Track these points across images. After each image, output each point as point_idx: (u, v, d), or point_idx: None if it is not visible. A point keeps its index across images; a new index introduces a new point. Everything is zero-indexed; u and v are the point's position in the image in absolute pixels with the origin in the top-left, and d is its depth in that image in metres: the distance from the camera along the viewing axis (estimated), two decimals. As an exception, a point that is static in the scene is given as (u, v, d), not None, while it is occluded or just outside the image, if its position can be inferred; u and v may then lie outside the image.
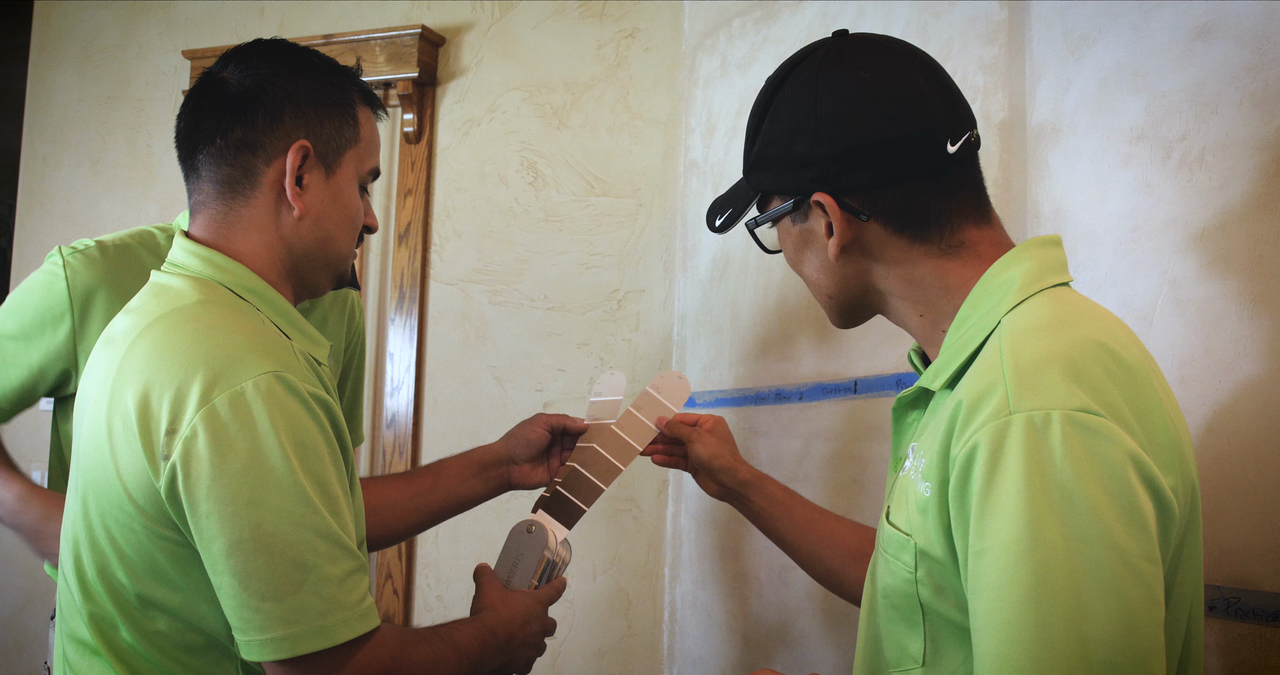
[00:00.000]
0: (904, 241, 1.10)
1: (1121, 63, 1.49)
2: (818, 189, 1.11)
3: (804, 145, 1.10)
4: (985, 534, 0.90)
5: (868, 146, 1.07)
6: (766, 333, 2.20)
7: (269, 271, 1.30)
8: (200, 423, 1.12)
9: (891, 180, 1.08)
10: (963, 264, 1.09)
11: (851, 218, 1.10)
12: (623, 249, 2.69)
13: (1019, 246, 1.09)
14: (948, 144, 1.07)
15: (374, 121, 1.39)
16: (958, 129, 1.08)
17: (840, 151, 1.08)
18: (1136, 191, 1.45)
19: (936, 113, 1.08)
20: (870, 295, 1.17)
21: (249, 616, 1.13)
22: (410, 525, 1.73)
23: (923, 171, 1.08)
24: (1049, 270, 1.06)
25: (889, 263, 1.12)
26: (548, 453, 1.76)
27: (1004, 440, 0.90)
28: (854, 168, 1.08)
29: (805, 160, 1.11)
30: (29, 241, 3.34)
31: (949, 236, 1.09)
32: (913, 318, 1.14)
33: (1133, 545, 0.87)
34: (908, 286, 1.12)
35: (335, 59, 1.37)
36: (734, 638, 2.24)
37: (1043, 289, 1.04)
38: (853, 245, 1.12)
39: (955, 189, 1.09)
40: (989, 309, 1.05)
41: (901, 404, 1.17)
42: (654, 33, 2.72)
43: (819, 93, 1.10)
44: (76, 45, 3.38)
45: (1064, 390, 0.90)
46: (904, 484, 1.07)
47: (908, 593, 1.04)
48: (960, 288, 1.09)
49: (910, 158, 1.07)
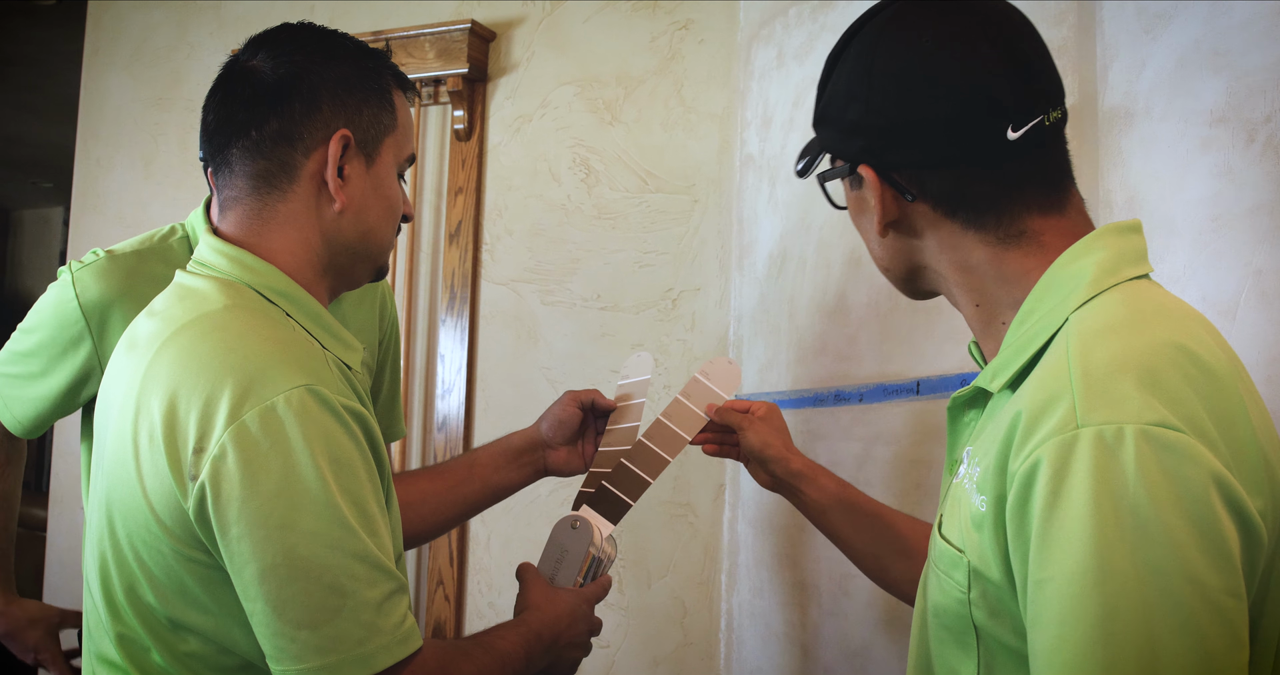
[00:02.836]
0: (956, 225, 1.01)
1: (1200, 41, 1.40)
2: (863, 161, 1.02)
3: (856, 112, 1.02)
4: (1047, 562, 0.81)
5: (914, 125, 0.98)
6: (825, 331, 2.13)
7: (303, 270, 1.23)
8: (230, 441, 1.06)
9: (940, 163, 0.99)
10: (1024, 254, 0.99)
11: (897, 195, 1.02)
12: (677, 247, 2.63)
13: (1092, 234, 0.99)
14: (1008, 130, 0.97)
15: (408, 106, 1.33)
16: (1028, 112, 0.97)
17: (887, 126, 1.00)
18: (1217, 177, 1.36)
19: (999, 95, 0.97)
20: (925, 273, 1.08)
21: (284, 645, 1.07)
22: (448, 518, 1.68)
23: (975, 159, 0.98)
24: (1125, 261, 0.96)
25: (939, 246, 1.03)
26: (581, 435, 1.70)
27: (1070, 458, 0.81)
28: (900, 145, 1.00)
29: (855, 127, 1.02)
30: (83, 244, 3.34)
31: (1008, 225, 0.99)
32: (968, 306, 1.05)
33: (1214, 578, 0.77)
34: (961, 273, 1.03)
35: (364, 42, 1.31)
36: (793, 648, 2.17)
37: (1117, 283, 0.94)
38: (899, 223, 1.04)
39: (1018, 176, 0.99)
40: (1055, 304, 0.95)
41: (957, 403, 1.08)
42: (708, 24, 2.65)
43: (876, 57, 1.01)
44: (129, 47, 3.37)
45: (1139, 402, 0.81)
46: (957, 493, 0.98)
47: (960, 613, 0.95)
48: (1020, 279, 0.99)
49: (961, 142, 0.98)
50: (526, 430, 1.72)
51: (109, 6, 3.43)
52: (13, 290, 7.95)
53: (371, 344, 1.83)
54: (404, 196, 1.33)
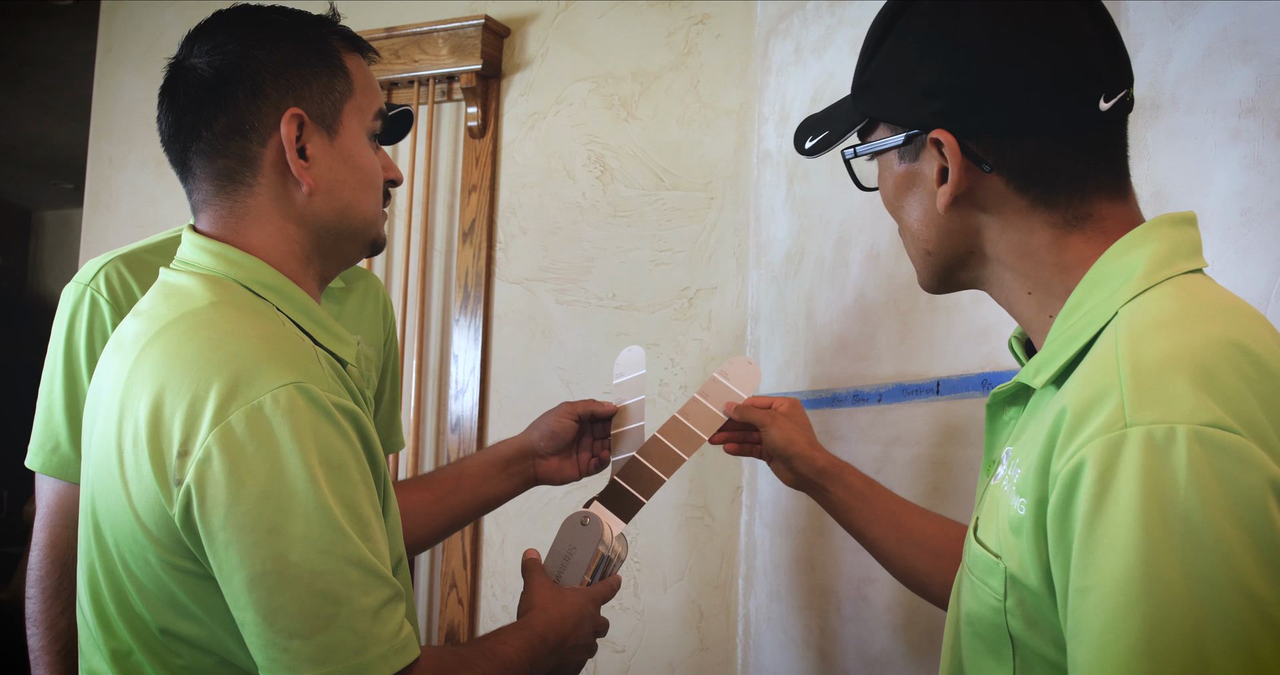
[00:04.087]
0: (1025, 203, 0.96)
1: (1228, 29, 1.36)
2: (940, 125, 0.96)
3: (932, 71, 0.96)
4: (1090, 570, 0.76)
5: (1010, 83, 0.92)
6: (844, 331, 2.08)
7: (287, 262, 1.19)
8: (214, 443, 1.01)
9: (1029, 128, 0.93)
10: (1085, 239, 0.95)
11: (972, 165, 0.96)
12: (693, 245, 2.59)
13: (1145, 224, 0.94)
14: (1101, 99, 0.92)
15: (364, 65, 1.26)
16: (1115, 84, 0.93)
17: (975, 84, 0.93)
18: (1247, 170, 1.31)
19: (1096, 61, 0.93)
20: (974, 259, 1.02)
21: (276, 656, 1.02)
22: (434, 531, 1.64)
23: (1067, 125, 0.93)
24: (1179, 254, 0.91)
25: (1002, 226, 0.98)
26: (577, 445, 1.66)
27: (1117, 459, 0.76)
28: (989, 106, 0.93)
29: (931, 89, 0.96)
30: (96, 242, 3.33)
31: (1077, 206, 0.95)
32: (1019, 294, 1.00)
33: (1269, 590, 0.72)
34: (1019, 257, 0.98)
35: (306, 11, 1.25)
36: (810, 654, 2.13)
37: (1170, 276, 0.90)
38: (965, 197, 0.98)
39: (1097, 152, 0.95)
40: (1105, 296, 0.90)
41: (997, 400, 1.03)
42: (724, 19, 2.61)
43: (961, 11, 0.95)
44: (141, 46, 3.35)
45: (1192, 400, 0.76)
46: (995, 495, 0.93)
47: (995, 622, 0.90)
48: (1078, 267, 0.95)
49: (1056, 106, 0.92)
50: (516, 439, 1.68)
51: (121, 6, 3.42)
52: (34, 291, 7.98)
53: (377, 342, 1.79)
54: (385, 161, 1.28)
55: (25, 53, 4.84)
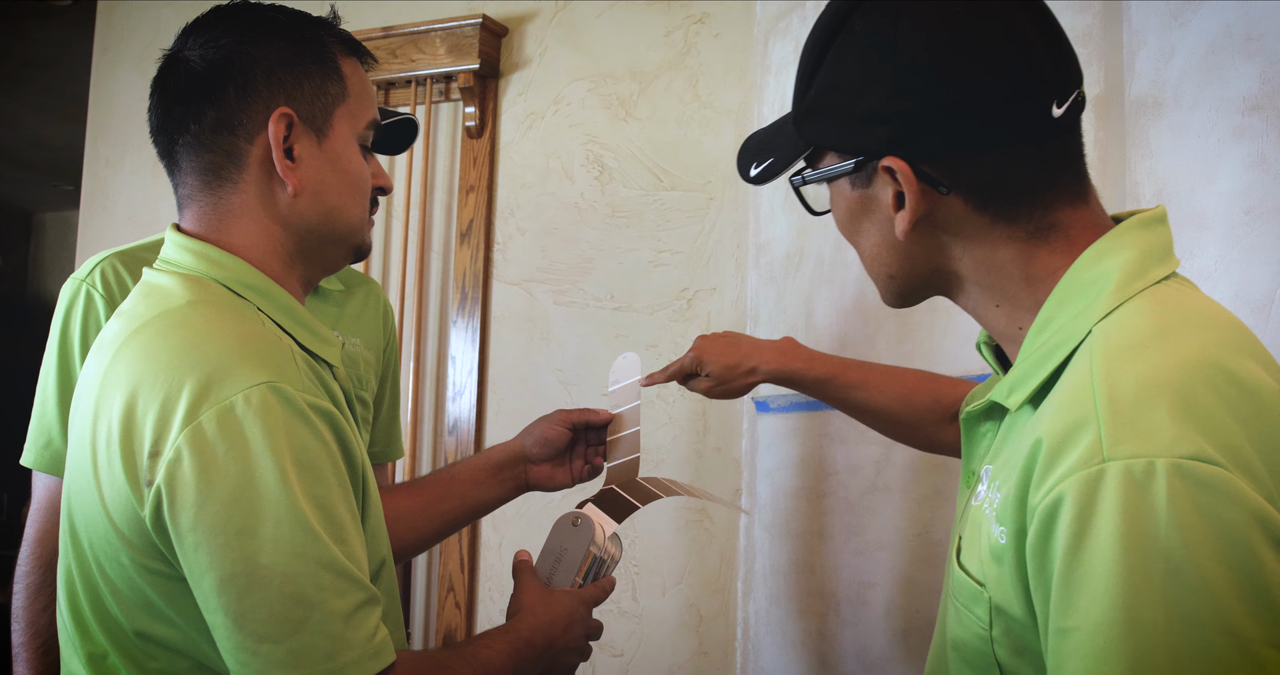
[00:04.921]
0: (985, 220, 0.93)
1: (1231, 26, 1.34)
2: (890, 152, 0.92)
3: (877, 97, 0.92)
4: (1071, 610, 0.74)
5: (958, 104, 0.89)
6: (843, 332, 2.07)
7: (269, 261, 1.17)
8: (185, 444, 0.99)
9: (982, 145, 0.90)
10: (1051, 250, 0.92)
11: (928, 189, 0.92)
12: (692, 245, 2.57)
13: (1116, 230, 0.91)
14: (1053, 106, 0.89)
15: (361, 70, 1.24)
16: (1065, 87, 0.90)
17: (923, 107, 0.90)
18: (1251, 168, 1.30)
19: (1043, 65, 0.89)
20: (938, 276, 0.99)
21: (246, 659, 1.00)
22: (424, 537, 1.61)
23: (1022, 138, 0.90)
24: (1151, 259, 0.89)
25: (965, 244, 0.95)
26: (570, 452, 1.65)
27: (1095, 495, 0.74)
28: (938, 129, 0.90)
29: (877, 115, 0.92)
30: (93, 243, 3.32)
31: (1040, 217, 0.92)
32: (988, 308, 0.97)
33: (1253, 628, 0.70)
34: (985, 272, 0.95)
35: (305, 12, 1.23)
36: (809, 658, 2.11)
37: (1143, 288, 0.87)
38: (925, 220, 0.94)
39: (1054, 160, 0.92)
40: (1078, 312, 0.88)
41: (971, 417, 1.01)
42: (724, 18, 2.59)
43: (900, 31, 0.91)
44: (138, 46, 3.34)
45: (1171, 431, 0.74)
46: (976, 516, 0.91)
47: (982, 650, 0.88)
48: (1046, 278, 0.92)
49: (1009, 120, 0.89)
50: (508, 444, 1.66)
51: (118, 5, 3.41)
52: (35, 293, 7.97)
53: (377, 348, 1.78)
54: (375, 168, 1.26)
55: (25, 55, 4.84)
